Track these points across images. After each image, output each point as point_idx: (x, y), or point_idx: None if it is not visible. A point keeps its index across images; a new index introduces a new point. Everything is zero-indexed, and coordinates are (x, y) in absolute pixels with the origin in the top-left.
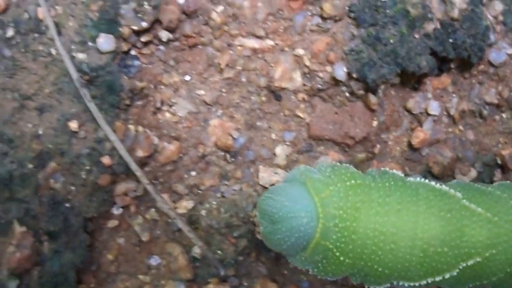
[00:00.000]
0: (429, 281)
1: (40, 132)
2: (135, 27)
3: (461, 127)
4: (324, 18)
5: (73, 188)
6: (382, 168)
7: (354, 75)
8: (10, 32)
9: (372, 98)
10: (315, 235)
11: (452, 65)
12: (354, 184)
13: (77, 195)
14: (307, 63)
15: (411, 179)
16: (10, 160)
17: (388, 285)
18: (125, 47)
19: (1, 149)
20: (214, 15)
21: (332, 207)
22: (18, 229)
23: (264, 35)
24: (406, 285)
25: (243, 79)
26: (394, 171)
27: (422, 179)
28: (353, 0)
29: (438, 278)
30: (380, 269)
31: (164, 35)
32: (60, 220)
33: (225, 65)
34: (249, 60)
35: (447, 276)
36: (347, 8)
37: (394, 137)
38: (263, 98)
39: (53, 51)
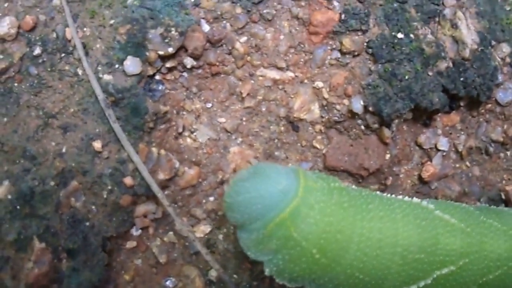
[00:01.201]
0: None
1: (64, 150)
2: (161, 52)
3: (468, 163)
4: (343, 53)
5: (93, 207)
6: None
7: (370, 109)
8: (37, 51)
9: (386, 132)
10: (285, 209)
11: (462, 103)
12: (338, 186)
13: (97, 214)
14: (326, 95)
15: (378, 192)
16: (32, 177)
17: None
18: (150, 71)
19: (24, 166)
20: (237, 45)
21: (314, 198)
22: (38, 245)
23: (285, 66)
24: None
25: (263, 109)
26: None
27: (389, 195)
28: (372, 37)
29: (413, 287)
30: (360, 277)
31: (189, 61)
32: (79, 238)
33: (246, 95)
34: (269, 91)
35: (421, 284)
36: (365, 44)
37: (405, 170)
38: (282, 128)
39: (80, 71)
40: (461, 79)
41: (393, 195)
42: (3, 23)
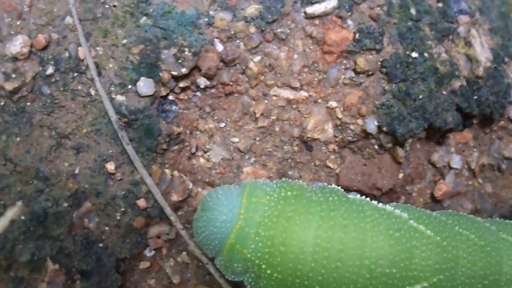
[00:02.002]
0: None
1: (77, 171)
2: (174, 73)
3: (480, 180)
4: (357, 72)
5: (107, 228)
6: (321, 183)
7: (384, 129)
8: (50, 70)
9: (400, 152)
10: (230, 235)
11: (474, 121)
12: (289, 195)
13: (110, 236)
14: (339, 115)
15: (352, 196)
16: (45, 198)
17: None
18: (163, 91)
19: (37, 187)
20: (251, 65)
21: (258, 214)
22: (51, 266)
23: (298, 86)
24: None
25: (277, 129)
26: (335, 186)
27: (363, 197)
28: (386, 56)
29: None
30: None
31: (202, 81)
32: (93, 259)
33: (260, 114)
34: (283, 110)
35: None
36: (379, 63)
37: (418, 189)
38: (295, 148)
39: (92, 92)
40: (475, 97)
41: (375, 202)
42: (16, 42)
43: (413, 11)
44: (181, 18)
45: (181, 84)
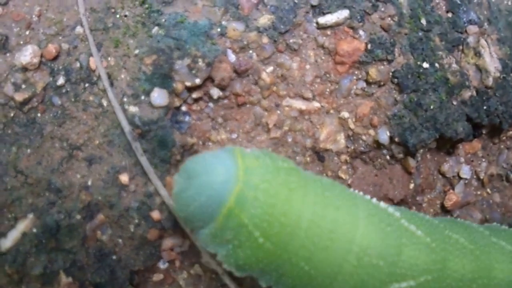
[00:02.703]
0: None
1: (89, 183)
2: (188, 84)
3: (488, 190)
4: (369, 83)
5: (120, 240)
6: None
7: (396, 139)
8: (60, 81)
9: (411, 162)
10: (229, 199)
11: (484, 131)
12: (288, 167)
13: (124, 248)
14: (352, 126)
15: (344, 186)
16: (57, 210)
17: None
18: (177, 102)
19: (49, 199)
20: (264, 75)
21: (257, 176)
22: (64, 279)
23: (311, 97)
24: None
25: (289, 140)
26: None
27: (356, 191)
28: (397, 66)
29: None
30: (306, 268)
31: (215, 92)
32: (106, 272)
33: (273, 125)
34: (295, 121)
35: None
36: (391, 73)
37: (428, 199)
38: (308, 159)
39: (104, 102)
40: (484, 107)
41: (368, 197)
42: (26, 52)
43: (423, 21)
44: (194, 28)
45: (194, 95)
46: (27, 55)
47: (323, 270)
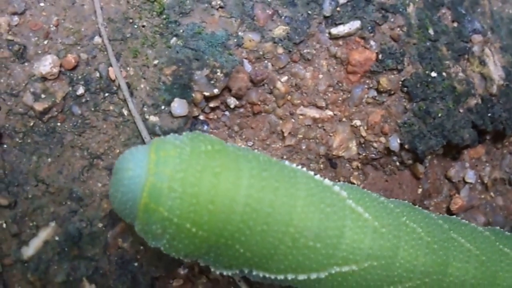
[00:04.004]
0: (289, 278)
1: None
2: (206, 93)
3: (492, 194)
4: (380, 92)
5: (141, 247)
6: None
7: (406, 146)
8: (80, 90)
9: (420, 168)
10: (142, 194)
11: (488, 137)
12: (212, 149)
13: (145, 255)
14: (363, 133)
15: (287, 162)
16: (79, 218)
17: (237, 271)
18: (196, 112)
19: (71, 207)
20: (279, 85)
21: (170, 166)
22: (87, 286)
23: (324, 105)
24: (260, 275)
25: (303, 147)
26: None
27: (299, 167)
28: (406, 76)
29: (301, 277)
30: (241, 250)
31: (232, 101)
32: (128, 278)
33: (288, 133)
34: (309, 129)
35: (313, 276)
36: (400, 82)
37: (435, 203)
38: (321, 166)
39: (125, 112)
40: (489, 114)
41: (311, 173)
42: (45, 62)
43: (431, 31)
44: (211, 39)
45: (211, 104)
46: (46, 65)
47: (259, 252)
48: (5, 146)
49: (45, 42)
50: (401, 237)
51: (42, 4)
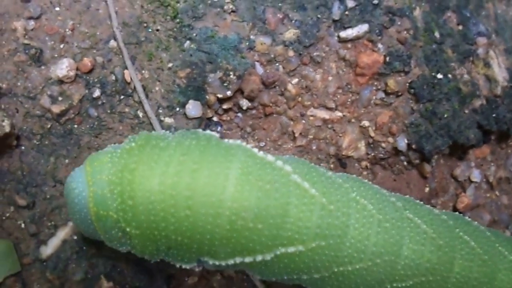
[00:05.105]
0: (237, 261)
1: None
2: (220, 95)
3: (497, 193)
4: (387, 93)
5: None
6: (195, 130)
7: (413, 146)
8: (96, 93)
9: (427, 167)
10: (90, 205)
11: (492, 137)
12: (133, 146)
13: None
14: (372, 134)
15: (232, 142)
16: None
17: (195, 264)
18: (209, 113)
19: None
20: (289, 87)
21: (104, 173)
22: (105, 284)
23: (333, 106)
24: (210, 263)
25: (314, 147)
26: (209, 132)
27: (244, 144)
28: (413, 77)
29: (248, 259)
30: (179, 238)
31: (245, 103)
32: (145, 275)
33: (298, 134)
34: (319, 130)
35: (259, 258)
36: (407, 84)
37: (442, 202)
38: (331, 166)
39: (140, 114)
40: (493, 115)
41: (255, 150)
42: (62, 65)
43: (437, 34)
44: (224, 43)
45: (225, 106)
46: (63, 68)
47: (196, 239)
48: (23, 148)
49: (61, 46)
50: (350, 215)
51: (57, 9)
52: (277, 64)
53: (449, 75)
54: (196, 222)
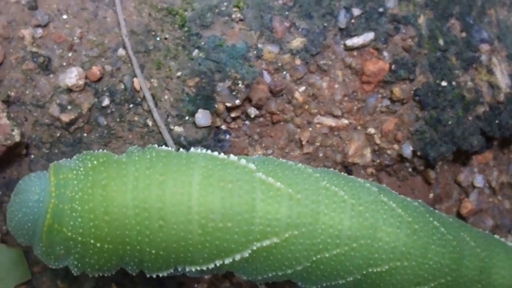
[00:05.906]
0: (218, 264)
1: None
2: (229, 104)
3: (499, 197)
4: (393, 101)
5: None
6: (150, 145)
7: (418, 153)
8: (105, 101)
9: (431, 173)
10: (46, 216)
11: (495, 143)
12: (96, 163)
13: None
14: (378, 141)
15: (192, 151)
16: None
17: (171, 271)
18: (218, 122)
19: None
20: (296, 95)
21: (70, 188)
22: None
23: (340, 114)
24: (193, 269)
25: (321, 155)
26: (164, 147)
27: (205, 151)
28: (418, 85)
29: (227, 260)
30: (153, 251)
31: (253, 111)
32: (155, 282)
33: (305, 141)
34: (326, 137)
35: (237, 257)
36: (412, 92)
37: (445, 207)
38: None
39: (149, 122)
40: (496, 121)
41: (208, 152)
42: (71, 74)
43: (441, 41)
44: (232, 51)
45: (233, 114)
46: (72, 77)
47: (171, 248)
48: (32, 156)
49: (70, 54)
50: (320, 201)
51: (65, 17)
52: (284, 72)
53: (453, 83)
54: (169, 232)
